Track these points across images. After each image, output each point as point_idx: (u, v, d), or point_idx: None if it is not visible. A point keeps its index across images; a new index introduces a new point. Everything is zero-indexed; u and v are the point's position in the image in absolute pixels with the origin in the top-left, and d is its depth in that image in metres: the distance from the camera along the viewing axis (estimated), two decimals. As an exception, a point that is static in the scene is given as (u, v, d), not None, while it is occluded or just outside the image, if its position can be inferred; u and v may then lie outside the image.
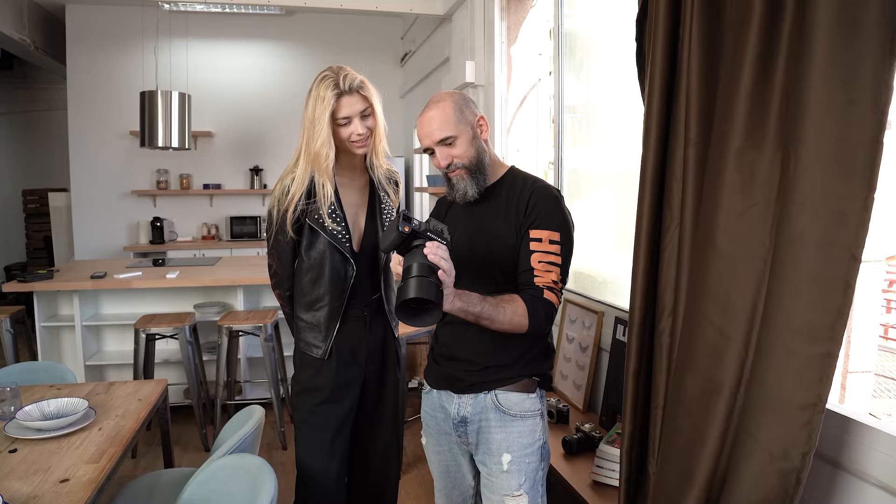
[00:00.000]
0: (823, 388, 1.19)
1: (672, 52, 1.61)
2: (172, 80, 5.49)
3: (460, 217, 1.61)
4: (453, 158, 1.51)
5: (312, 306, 1.85)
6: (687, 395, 1.43)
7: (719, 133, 1.41)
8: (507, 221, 1.52)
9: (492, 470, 1.52)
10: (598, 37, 2.84)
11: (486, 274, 1.53)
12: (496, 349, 1.52)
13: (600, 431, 2.09)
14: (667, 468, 1.50)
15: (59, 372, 2.41)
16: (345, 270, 1.82)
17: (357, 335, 1.88)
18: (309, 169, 1.77)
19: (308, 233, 1.81)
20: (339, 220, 1.81)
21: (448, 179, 1.56)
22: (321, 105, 1.69)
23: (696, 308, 1.44)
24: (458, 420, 1.56)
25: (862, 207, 1.14)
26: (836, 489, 1.40)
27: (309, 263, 1.83)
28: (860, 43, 1.13)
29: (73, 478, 1.52)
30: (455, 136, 1.50)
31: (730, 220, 1.36)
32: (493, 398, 1.52)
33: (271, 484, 1.42)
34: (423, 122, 1.53)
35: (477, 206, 1.57)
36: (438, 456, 1.66)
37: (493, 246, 1.52)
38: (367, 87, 1.75)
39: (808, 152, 1.19)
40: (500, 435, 1.51)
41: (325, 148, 1.71)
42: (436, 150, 1.51)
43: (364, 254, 1.88)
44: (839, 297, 1.16)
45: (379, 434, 1.99)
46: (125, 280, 3.50)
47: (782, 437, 1.24)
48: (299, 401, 1.90)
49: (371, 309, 1.90)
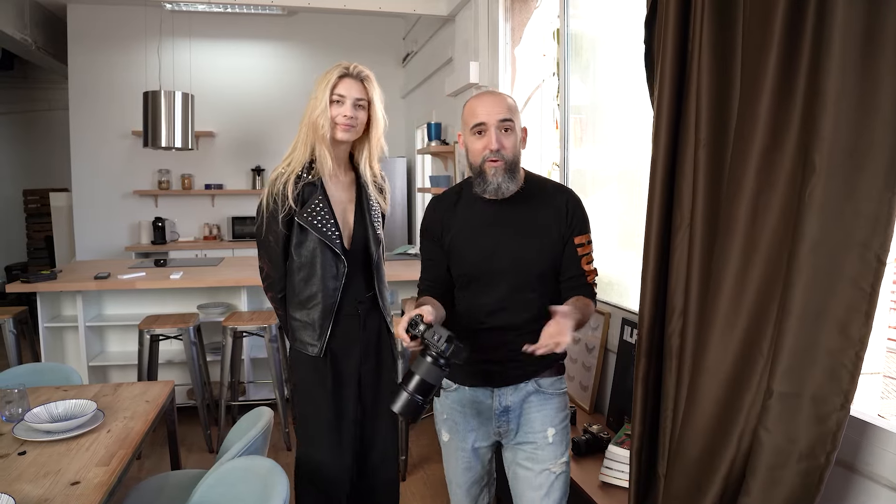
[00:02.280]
0: (851, 387, 1.20)
1: (682, 54, 1.61)
2: (174, 79, 5.48)
3: (483, 216, 1.58)
4: (503, 146, 1.50)
5: (305, 305, 1.86)
6: (706, 396, 1.44)
7: (740, 135, 1.41)
8: (549, 229, 1.57)
9: (538, 444, 1.59)
10: (603, 38, 2.84)
11: (524, 278, 1.56)
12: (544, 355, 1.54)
13: (608, 433, 2.09)
14: (680, 469, 1.50)
15: (65, 373, 2.41)
16: (336, 268, 1.83)
17: (352, 332, 1.89)
18: (309, 140, 1.83)
19: (297, 231, 1.83)
20: (327, 217, 1.83)
21: (481, 172, 1.53)
22: (324, 80, 1.81)
23: (715, 309, 1.44)
24: (500, 411, 1.60)
25: (887, 210, 1.14)
26: (848, 491, 1.40)
27: (300, 262, 1.85)
28: (881, 45, 1.13)
29: (84, 480, 1.52)
30: (513, 125, 1.53)
31: (752, 221, 1.36)
32: (533, 384, 1.60)
33: (283, 486, 1.42)
34: (487, 99, 1.53)
35: (504, 208, 1.56)
36: (462, 452, 1.66)
37: (532, 251, 1.56)
38: (370, 81, 1.85)
39: (831, 154, 1.19)
40: (541, 413, 1.60)
41: (321, 118, 1.79)
42: (493, 129, 1.50)
43: (355, 251, 1.89)
44: (865, 300, 1.17)
45: (379, 432, 2.01)
46: (129, 281, 3.49)
47: (810, 436, 1.24)
48: (299, 398, 1.93)
49: (365, 306, 1.91)
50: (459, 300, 1.65)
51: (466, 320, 1.62)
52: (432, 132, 4.65)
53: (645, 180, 1.73)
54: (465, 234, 1.60)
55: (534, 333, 1.51)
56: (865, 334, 1.19)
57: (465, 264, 1.60)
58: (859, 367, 1.20)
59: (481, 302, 1.59)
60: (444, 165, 4.77)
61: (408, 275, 3.85)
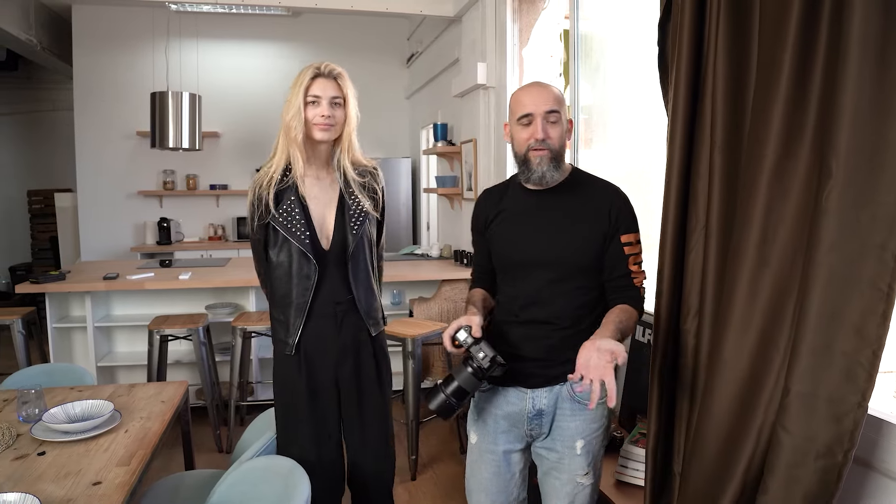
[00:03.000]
0: (868, 387, 1.22)
1: (697, 56, 1.62)
2: (181, 80, 5.49)
3: (524, 205, 1.60)
4: (549, 136, 1.51)
5: (280, 303, 1.89)
6: (723, 395, 1.45)
7: (754, 139, 1.42)
8: (592, 225, 1.55)
9: (563, 455, 1.57)
10: (612, 39, 2.85)
11: (561, 270, 1.55)
12: (568, 347, 1.53)
13: (621, 432, 2.11)
14: (698, 467, 1.51)
15: (78, 374, 2.42)
16: (308, 268, 1.84)
17: (325, 333, 1.88)
18: (285, 145, 1.84)
19: (272, 233, 1.86)
20: (299, 219, 1.83)
21: (526, 161, 1.54)
22: (297, 82, 1.82)
23: (729, 309, 1.45)
24: (533, 414, 1.58)
25: None
26: (866, 489, 1.41)
27: (276, 262, 1.88)
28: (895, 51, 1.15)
29: (106, 480, 1.53)
30: (559, 116, 1.53)
31: (768, 224, 1.37)
32: (568, 389, 1.56)
33: (305, 486, 1.43)
34: (534, 90, 1.54)
35: (547, 198, 1.57)
36: (491, 455, 1.62)
37: (571, 243, 1.55)
38: (344, 78, 1.85)
39: (847, 158, 1.21)
40: (573, 423, 1.56)
41: (294, 119, 1.80)
42: (539, 119, 1.50)
43: (333, 252, 1.87)
44: (882, 300, 1.19)
45: (364, 438, 1.95)
46: (138, 281, 3.50)
47: (828, 434, 1.26)
48: (277, 394, 1.94)
49: (343, 307, 1.89)
50: (499, 291, 1.67)
51: (501, 313, 1.63)
52: (438, 133, 4.66)
53: (655, 181, 1.74)
54: (506, 223, 1.61)
55: (571, 331, 1.54)
56: (882, 334, 1.20)
57: (502, 253, 1.62)
58: (876, 367, 1.22)
59: (516, 293, 1.59)
60: (451, 166, 4.78)
61: (413, 275, 3.87)
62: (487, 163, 3.87)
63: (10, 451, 1.70)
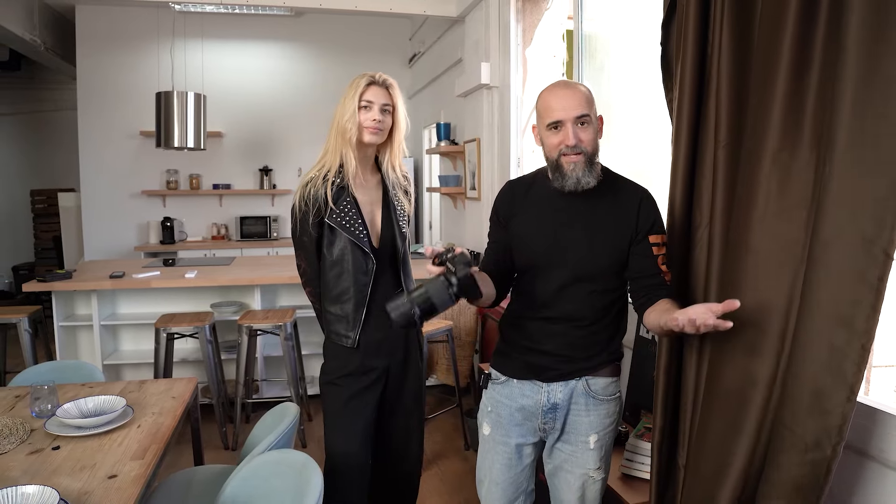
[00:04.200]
0: (856, 380, 1.23)
1: (701, 55, 1.64)
2: (186, 80, 5.51)
3: (552, 204, 1.57)
4: (581, 140, 1.49)
5: (339, 299, 1.97)
6: (723, 389, 1.47)
7: (753, 135, 1.45)
8: (619, 227, 1.54)
9: (577, 449, 1.60)
10: (617, 40, 2.87)
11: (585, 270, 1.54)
12: (586, 343, 1.57)
13: (626, 426, 2.13)
14: (700, 460, 1.54)
15: (89, 371, 2.44)
16: (365, 264, 1.94)
17: (383, 326, 1.97)
18: (338, 145, 1.92)
19: (328, 231, 1.94)
20: (355, 217, 1.93)
21: (558, 166, 1.51)
22: (353, 88, 1.92)
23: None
24: (548, 407, 1.59)
25: (894, 207, 1.17)
26: (863, 477, 1.44)
27: (332, 260, 1.95)
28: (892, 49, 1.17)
29: (121, 474, 1.56)
30: (590, 118, 1.51)
31: (766, 219, 1.39)
32: (583, 384, 1.59)
33: (318, 479, 1.45)
34: (562, 94, 1.50)
35: (575, 199, 1.53)
36: (504, 447, 1.64)
37: (597, 244, 1.54)
38: (394, 88, 1.98)
39: (843, 154, 1.23)
40: (588, 418, 1.59)
41: (350, 122, 1.89)
42: (570, 125, 1.48)
43: (384, 248, 2.00)
44: (872, 294, 1.20)
45: (401, 418, 2.09)
46: (144, 280, 3.53)
47: (816, 428, 1.28)
48: (329, 388, 2.01)
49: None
50: (517, 286, 1.66)
51: (521, 307, 1.63)
52: (441, 132, 4.69)
53: (659, 180, 1.77)
54: (532, 221, 1.59)
55: (591, 329, 1.57)
56: (871, 327, 1.21)
57: (527, 251, 1.59)
58: (865, 360, 1.23)
59: (539, 290, 1.58)
60: (454, 165, 4.81)
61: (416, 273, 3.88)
62: (491, 162, 3.90)
63: (25, 445, 1.72)
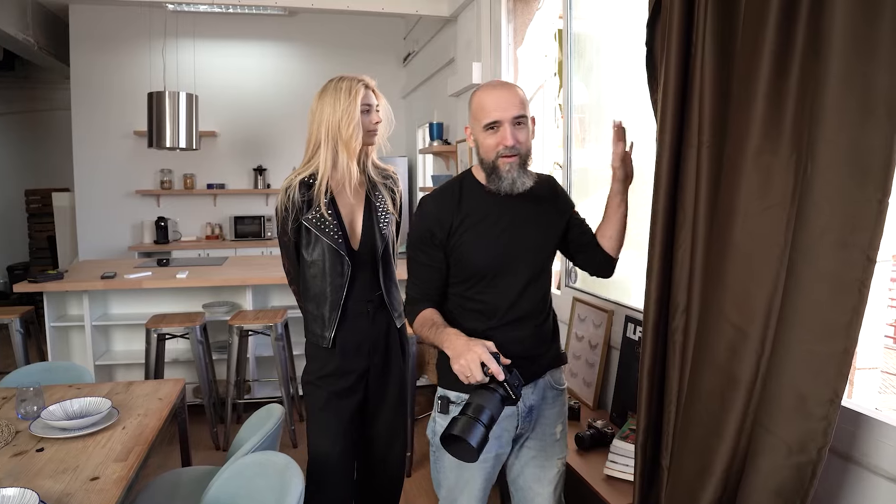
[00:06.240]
0: (839, 383, 1.22)
1: (685, 55, 1.64)
2: (178, 79, 5.50)
3: (492, 209, 1.56)
4: (518, 141, 1.49)
5: (315, 299, 1.98)
6: (704, 391, 1.47)
7: (735, 135, 1.45)
8: (554, 215, 1.65)
9: (546, 443, 1.64)
10: (606, 39, 2.87)
11: (539, 265, 1.61)
12: (545, 337, 1.62)
13: (612, 428, 2.13)
14: (683, 462, 1.54)
15: (78, 372, 2.44)
16: (342, 267, 1.94)
17: (360, 328, 1.99)
18: (332, 154, 1.90)
19: (305, 233, 1.95)
20: (332, 220, 1.93)
21: (495, 168, 1.50)
22: (350, 94, 1.88)
23: (713, 306, 1.48)
24: (525, 412, 1.60)
25: (876, 210, 1.17)
26: (846, 482, 1.44)
27: (310, 260, 1.97)
28: (874, 48, 1.16)
29: (103, 476, 1.56)
30: (526, 120, 1.52)
31: (747, 221, 1.39)
32: (548, 379, 1.64)
33: (299, 480, 1.45)
34: (501, 94, 1.49)
35: (511, 198, 1.54)
36: (484, 463, 1.57)
37: (543, 237, 1.62)
38: (377, 89, 1.99)
39: (823, 156, 1.22)
40: (554, 409, 1.66)
41: (357, 130, 1.88)
42: (507, 126, 1.47)
43: (363, 251, 1.99)
44: (855, 297, 1.19)
45: (383, 419, 2.09)
46: (136, 280, 3.52)
47: (800, 431, 1.27)
48: (310, 389, 2.01)
49: (373, 304, 2.01)
50: (465, 302, 1.59)
51: (479, 320, 1.56)
52: (434, 132, 4.69)
53: (647, 180, 1.77)
54: (478, 231, 1.54)
55: (544, 319, 1.62)
56: (855, 331, 1.21)
57: (479, 261, 1.54)
58: (849, 364, 1.22)
59: (498, 297, 1.56)
60: (446, 165, 4.81)
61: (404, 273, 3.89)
62: (483, 162, 3.89)
63: (10, 447, 1.72)
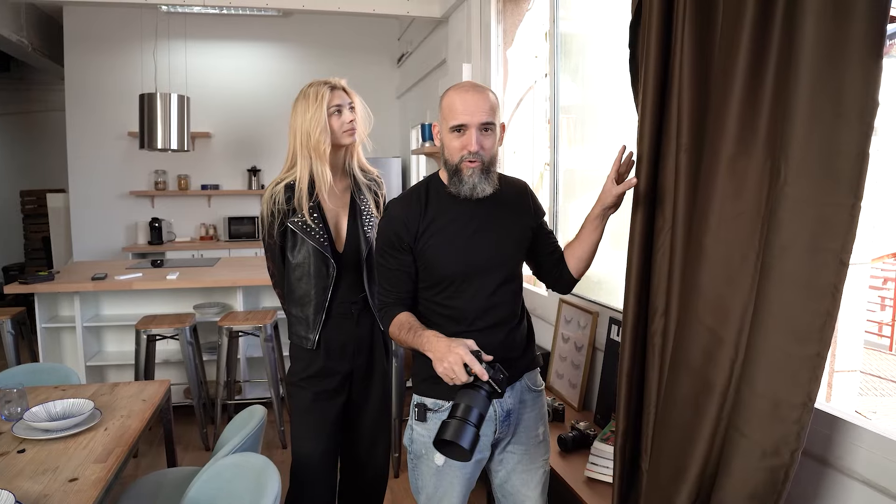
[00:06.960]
0: (812, 387, 1.22)
1: (665, 58, 1.64)
2: (170, 81, 5.50)
3: (460, 214, 1.55)
4: (483, 147, 1.48)
5: (300, 302, 1.99)
6: (680, 394, 1.48)
7: (711, 140, 1.45)
8: (522, 219, 1.64)
9: (529, 446, 1.63)
10: (592, 39, 2.88)
11: (508, 270, 1.60)
12: (519, 341, 1.61)
13: (595, 429, 2.13)
14: (659, 465, 1.54)
15: (64, 373, 2.45)
16: (327, 269, 1.96)
17: (345, 330, 2.01)
18: (308, 162, 1.92)
19: (290, 236, 1.96)
20: (317, 222, 1.94)
21: (458, 171, 1.50)
22: (316, 99, 1.88)
23: (689, 309, 1.48)
24: (503, 416, 1.58)
25: (849, 215, 1.17)
26: (822, 485, 1.44)
27: (295, 263, 1.98)
28: (847, 55, 1.16)
29: (82, 477, 1.56)
30: (494, 127, 1.51)
31: (721, 225, 1.40)
32: (525, 382, 1.63)
33: (275, 482, 1.46)
34: (472, 98, 1.47)
35: (480, 203, 1.53)
36: (463, 470, 1.56)
37: (512, 242, 1.61)
38: (347, 87, 1.98)
39: (797, 161, 1.23)
40: (533, 411, 1.65)
41: (323, 134, 1.88)
42: (473, 131, 1.46)
43: (348, 254, 2.00)
44: (828, 301, 1.19)
45: (367, 420, 2.11)
46: (126, 281, 3.53)
47: (773, 434, 1.27)
48: (295, 390, 2.03)
49: (358, 306, 2.02)
50: (435, 304, 1.58)
51: (451, 324, 1.55)
52: (426, 133, 4.69)
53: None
54: (442, 234, 1.53)
55: (517, 323, 1.61)
56: (827, 335, 1.21)
57: (448, 266, 1.53)
58: (822, 367, 1.22)
59: (470, 301, 1.54)
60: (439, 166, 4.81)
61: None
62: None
63: (-9, 449, 1.73)
